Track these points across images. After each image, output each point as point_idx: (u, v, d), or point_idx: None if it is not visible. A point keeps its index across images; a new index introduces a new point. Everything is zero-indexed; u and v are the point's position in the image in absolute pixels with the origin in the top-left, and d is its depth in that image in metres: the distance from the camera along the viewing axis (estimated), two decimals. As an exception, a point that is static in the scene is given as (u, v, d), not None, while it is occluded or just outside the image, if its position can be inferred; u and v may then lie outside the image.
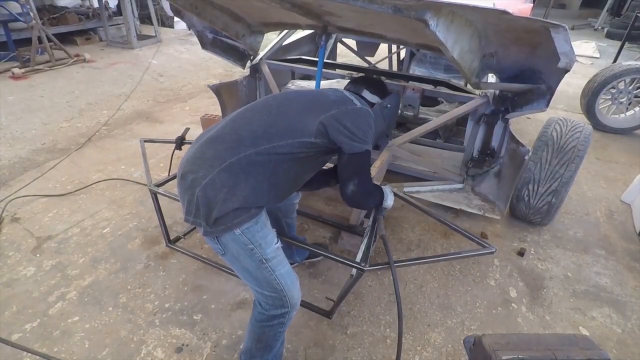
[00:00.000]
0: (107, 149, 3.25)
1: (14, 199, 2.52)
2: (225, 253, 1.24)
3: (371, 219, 1.69)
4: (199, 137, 1.34)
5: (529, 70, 1.94)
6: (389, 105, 1.54)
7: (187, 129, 2.18)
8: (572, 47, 1.60)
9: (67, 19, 5.87)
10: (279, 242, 1.31)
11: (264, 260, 1.22)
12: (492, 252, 1.48)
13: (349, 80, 1.60)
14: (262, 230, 1.23)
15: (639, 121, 3.97)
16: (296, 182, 1.37)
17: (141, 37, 6.34)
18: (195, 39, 6.40)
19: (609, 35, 9.07)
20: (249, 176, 1.17)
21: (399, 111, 2.79)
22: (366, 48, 4.60)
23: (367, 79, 1.60)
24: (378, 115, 1.49)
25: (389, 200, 1.49)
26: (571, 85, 5.31)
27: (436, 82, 2.70)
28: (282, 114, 1.29)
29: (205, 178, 1.15)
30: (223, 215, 1.15)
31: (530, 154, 2.15)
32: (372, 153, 1.67)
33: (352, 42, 4.43)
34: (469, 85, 2.73)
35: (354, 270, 1.58)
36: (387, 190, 1.51)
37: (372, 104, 1.49)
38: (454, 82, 2.70)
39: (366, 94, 1.52)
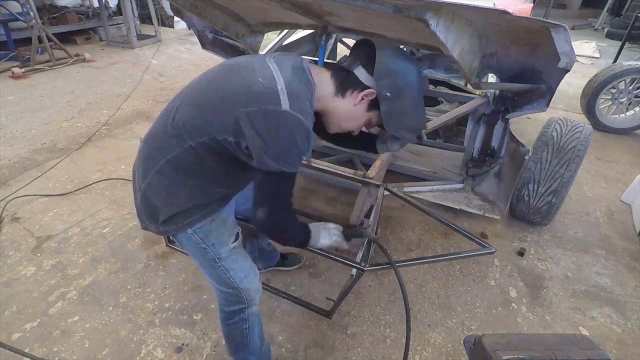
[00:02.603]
0: (107, 149, 3.25)
1: (14, 198, 2.52)
2: (185, 249, 1.20)
3: (371, 218, 1.69)
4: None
5: (529, 70, 1.94)
6: (388, 94, 1.06)
7: (187, 129, 2.18)
8: (572, 47, 1.60)
9: (67, 19, 5.87)
10: (238, 241, 1.23)
11: (217, 260, 1.18)
12: (492, 252, 1.48)
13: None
14: (218, 229, 1.16)
15: (639, 121, 3.97)
16: (235, 182, 1.18)
17: (141, 37, 6.34)
18: (195, 39, 6.40)
19: (609, 35, 9.06)
20: (183, 176, 1.06)
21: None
22: (366, 48, 4.60)
23: (369, 49, 1.10)
24: (369, 111, 1.11)
25: (321, 241, 1.22)
26: (571, 85, 5.31)
27: (436, 82, 2.70)
28: (204, 103, 1.03)
29: (144, 182, 1.09)
30: (172, 216, 1.09)
31: (530, 154, 2.16)
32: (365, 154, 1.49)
33: (352, 42, 4.43)
34: (469, 85, 2.73)
35: (354, 270, 1.59)
36: (321, 229, 1.24)
37: (363, 88, 1.08)
38: (454, 82, 2.70)
39: (360, 72, 1.08)
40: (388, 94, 1.06)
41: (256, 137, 0.94)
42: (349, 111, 1.12)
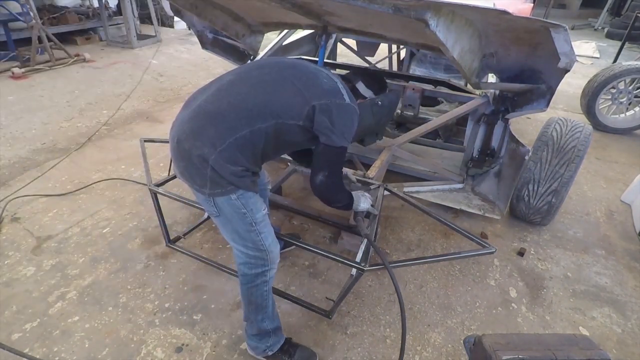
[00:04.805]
0: (107, 149, 3.25)
1: (14, 198, 2.51)
2: (219, 215, 1.33)
3: (370, 219, 1.69)
4: (191, 99, 1.43)
5: (529, 70, 1.94)
6: (379, 103, 1.51)
7: (187, 129, 2.18)
8: (572, 47, 1.60)
9: (67, 19, 5.87)
10: (267, 208, 1.42)
11: (254, 224, 1.33)
12: (492, 252, 1.49)
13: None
14: (254, 196, 1.33)
15: (639, 121, 3.97)
16: (277, 153, 1.47)
17: (141, 37, 6.33)
18: (195, 39, 6.40)
19: (609, 35, 9.07)
20: (244, 152, 1.26)
21: (399, 111, 2.79)
22: (366, 48, 4.60)
23: (367, 72, 1.61)
24: (367, 110, 1.47)
25: (362, 204, 1.55)
26: (571, 85, 5.31)
27: (436, 82, 2.70)
28: (276, 93, 1.29)
29: (211, 156, 1.22)
30: (224, 183, 1.25)
31: (530, 154, 2.16)
32: (365, 150, 1.65)
33: (352, 42, 4.43)
34: (469, 85, 2.73)
35: (354, 270, 1.59)
36: (360, 195, 1.56)
37: (363, 97, 1.50)
38: (454, 82, 2.70)
39: (360, 85, 1.50)
40: (380, 102, 1.51)
41: (327, 121, 1.26)
42: None
